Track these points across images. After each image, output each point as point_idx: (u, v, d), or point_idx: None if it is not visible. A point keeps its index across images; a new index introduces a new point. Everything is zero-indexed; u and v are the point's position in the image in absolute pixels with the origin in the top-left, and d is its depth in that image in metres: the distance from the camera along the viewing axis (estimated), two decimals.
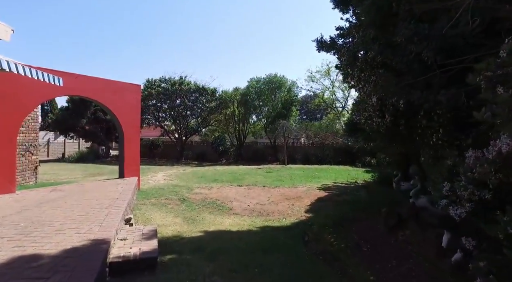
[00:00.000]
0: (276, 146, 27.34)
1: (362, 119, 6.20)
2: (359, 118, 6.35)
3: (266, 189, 11.11)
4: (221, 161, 28.86)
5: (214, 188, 10.97)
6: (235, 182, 12.72)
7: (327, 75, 27.97)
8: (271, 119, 25.88)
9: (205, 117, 29.45)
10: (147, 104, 27.38)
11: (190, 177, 14.27)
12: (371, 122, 5.97)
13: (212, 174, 15.48)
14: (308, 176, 14.85)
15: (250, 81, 26.28)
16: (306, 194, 10.03)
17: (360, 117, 6.26)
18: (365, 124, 6.27)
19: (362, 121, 6.23)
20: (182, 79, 27.77)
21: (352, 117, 9.50)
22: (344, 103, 28.38)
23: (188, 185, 11.53)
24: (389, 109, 5.43)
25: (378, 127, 5.84)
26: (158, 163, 25.60)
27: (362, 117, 6.20)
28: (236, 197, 9.42)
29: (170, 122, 31.15)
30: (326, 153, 24.31)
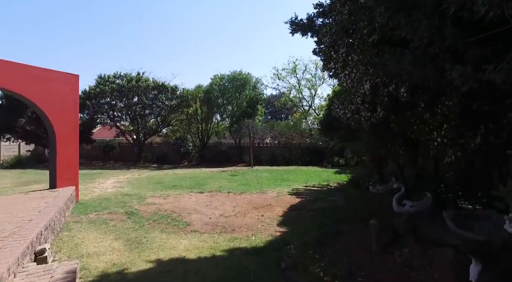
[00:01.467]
0: (241, 147, 26.09)
1: (347, 114, 5.12)
2: (343, 113, 5.27)
3: (231, 195, 9.79)
4: (183, 163, 27.03)
5: (171, 196, 9.45)
6: (196, 187, 11.27)
7: (294, 73, 27.27)
8: (235, 118, 24.59)
9: (165, 117, 27.44)
10: (99, 102, 24.86)
11: (145, 183, 12.55)
12: (359, 117, 4.90)
13: (171, 178, 13.85)
14: (277, 178, 13.75)
15: (213, 78, 24.80)
16: (277, 201, 8.87)
17: (345, 112, 5.17)
18: (350, 120, 5.20)
19: (347, 116, 5.15)
20: (140, 75, 25.62)
21: (330, 113, 8.52)
22: (311, 102, 27.85)
23: (141, 193, 9.89)
24: (383, 101, 4.38)
25: (367, 123, 4.78)
26: (112, 166, 23.27)
27: (347, 112, 5.11)
28: (196, 208, 8.00)
29: (127, 122, 28.72)
30: (293, 153, 23.52)
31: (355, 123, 5.10)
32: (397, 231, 4.72)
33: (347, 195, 9.57)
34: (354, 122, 5.10)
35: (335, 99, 6.37)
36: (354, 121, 5.06)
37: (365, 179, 11.16)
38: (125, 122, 28.80)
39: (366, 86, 4.25)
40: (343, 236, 5.48)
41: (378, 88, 4.30)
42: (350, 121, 5.23)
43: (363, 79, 4.41)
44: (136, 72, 25.72)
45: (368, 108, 4.58)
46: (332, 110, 7.62)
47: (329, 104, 8.40)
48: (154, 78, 26.29)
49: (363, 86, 4.34)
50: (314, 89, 27.41)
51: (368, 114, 4.65)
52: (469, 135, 4.24)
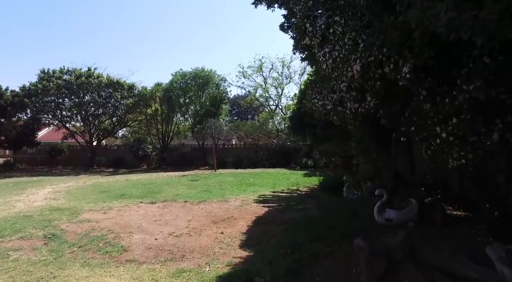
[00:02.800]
0: (205, 149, 24.55)
1: (326, 106, 4.00)
2: (322, 104, 4.14)
3: (187, 205, 8.39)
4: (141, 167, 24.91)
5: (113, 210, 7.85)
6: (148, 196, 9.71)
7: (260, 71, 26.24)
8: (198, 118, 23.03)
9: (121, 117, 25.15)
10: (43, 100, 22.12)
11: (88, 192, 10.73)
12: (342, 109, 3.79)
13: (121, 186, 12.10)
14: (242, 183, 12.50)
15: (174, 75, 23.02)
16: (241, 211, 7.61)
17: (324, 103, 4.05)
18: (331, 115, 4.09)
19: (327, 109, 4.03)
20: (90, 71, 23.19)
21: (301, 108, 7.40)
22: (277, 102, 26.95)
23: (77, 207, 8.19)
24: (374, 86, 3.29)
25: (354, 117, 3.68)
26: (59, 172, 20.77)
27: (326, 103, 3.99)
28: (141, 224, 6.52)
29: (79, 123, 26.04)
30: (260, 155, 22.43)
31: (338, 118, 3.99)
32: (391, 257, 3.66)
33: (319, 202, 8.53)
34: (336, 117, 3.98)
35: (310, 90, 5.27)
36: (336, 116, 3.95)
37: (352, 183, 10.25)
38: (77, 123, 26.12)
39: (356, 67, 3.12)
40: (321, 261, 4.33)
41: (369, 69, 3.19)
42: (331, 117, 4.11)
43: (350, 59, 3.28)
44: (86, 68, 23.24)
45: (355, 97, 3.47)
46: (304, 105, 6.52)
47: (300, 97, 7.34)
48: (108, 75, 23.99)
49: (351, 68, 3.22)
50: (281, 88, 26.59)
51: (355, 105, 3.54)
52: (483, 132, 3.29)
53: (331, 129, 6.92)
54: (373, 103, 3.50)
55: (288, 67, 26.81)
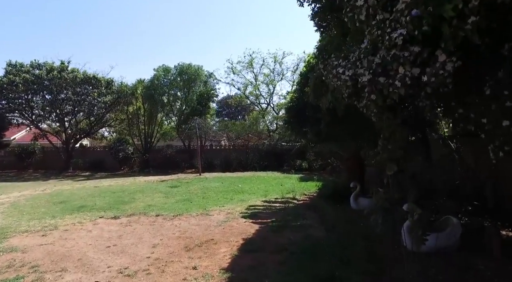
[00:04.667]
0: (191, 150, 22.74)
1: (360, 77, 2.35)
2: (352, 74, 2.48)
3: (158, 222, 6.66)
4: (122, 170, 22.95)
5: (58, 230, 6.06)
6: (112, 208, 7.95)
7: (250, 67, 24.51)
8: (184, 117, 21.22)
9: (100, 116, 23.17)
10: (9, 97, 20.00)
11: (40, 203, 8.89)
12: (387, 81, 2.16)
13: (86, 194, 10.26)
14: (228, 190, 10.80)
15: (157, 70, 21.14)
16: (224, 230, 5.92)
17: (356, 72, 2.40)
18: (365, 93, 2.43)
19: (361, 82, 2.38)
20: (64, 64, 21.14)
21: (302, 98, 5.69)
22: (269, 100, 25.29)
23: (11, 226, 6.41)
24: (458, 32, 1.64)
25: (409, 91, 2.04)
26: (26, 177, 18.69)
27: (360, 72, 2.34)
28: (86, 253, 4.77)
29: (54, 123, 23.92)
30: (250, 157, 20.74)
31: (377, 97, 2.31)
32: None
33: (323, 216, 6.92)
34: (376, 96, 2.31)
35: (322, 61, 3.63)
36: (375, 93, 2.29)
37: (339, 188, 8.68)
38: (51, 122, 24.01)
39: None
40: None
41: None
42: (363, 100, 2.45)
43: None
44: (59, 62, 21.20)
45: (419, 55, 1.83)
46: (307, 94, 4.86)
47: (300, 83, 5.72)
48: (85, 70, 21.99)
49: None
50: (272, 85, 24.92)
51: (413, 71, 1.91)
52: None
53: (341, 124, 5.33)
54: (451, 66, 1.89)
55: (280, 64, 25.23)
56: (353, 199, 7.47)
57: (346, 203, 7.64)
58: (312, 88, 4.47)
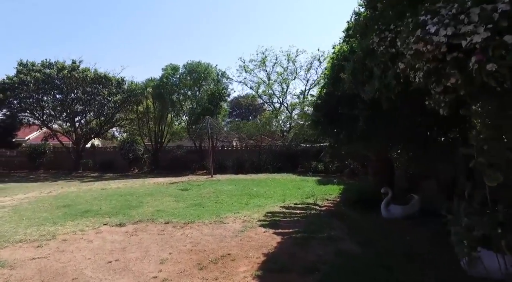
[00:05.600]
0: (202, 151, 22.13)
1: (472, 37, 1.56)
2: (453, 34, 1.69)
3: (167, 231, 5.96)
4: (132, 171, 22.49)
5: (55, 240, 5.42)
6: (118, 214, 7.31)
7: (263, 66, 23.76)
8: (195, 117, 20.60)
9: (110, 115, 22.79)
10: (20, 96, 19.75)
11: (42, 207, 8.33)
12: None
13: (92, 197, 9.67)
14: (243, 193, 10.07)
15: (165, 69, 20.59)
16: (242, 243, 5.17)
17: (456, 32, 1.61)
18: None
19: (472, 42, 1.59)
20: (75, 64, 20.81)
21: (335, 90, 4.84)
22: (282, 99, 24.46)
23: (5, 234, 5.81)
24: None
25: None
26: (36, 177, 18.34)
27: (470, 30, 1.55)
28: (83, 271, 4.10)
29: (65, 123, 23.66)
30: (263, 158, 19.95)
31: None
32: None
33: (352, 226, 6.11)
34: (502, 56, 1.51)
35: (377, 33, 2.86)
36: (499, 55, 1.49)
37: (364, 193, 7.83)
38: (62, 122, 23.75)
39: None
40: None
41: None
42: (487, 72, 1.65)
43: None
44: (70, 61, 20.90)
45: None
46: (341, 86, 4.05)
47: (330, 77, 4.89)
48: (95, 70, 21.64)
49: None
50: (286, 84, 24.10)
51: None
52: None
53: (383, 121, 4.52)
54: None
55: (293, 62, 24.39)
56: (384, 207, 6.65)
57: (375, 210, 6.85)
58: (351, 75, 3.69)
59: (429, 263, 4.09)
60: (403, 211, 6.44)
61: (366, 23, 3.74)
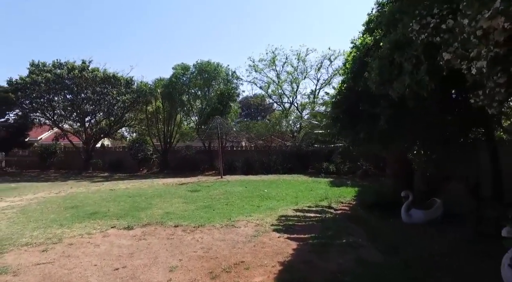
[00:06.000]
0: (211, 151, 21.91)
1: None
2: None
3: (177, 234, 5.71)
4: (141, 171, 22.42)
5: (61, 244, 5.22)
6: (127, 216, 7.10)
7: (272, 65, 23.46)
8: (204, 117, 20.40)
9: (119, 115, 22.77)
10: (32, 96, 19.85)
11: (50, 208, 8.18)
12: None
13: (100, 198, 9.51)
14: (254, 195, 9.78)
15: (175, 68, 20.46)
16: (255, 249, 4.88)
17: None
18: None
19: None
20: (85, 64, 20.84)
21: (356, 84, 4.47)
22: (292, 99, 24.10)
23: (12, 237, 5.64)
24: None
25: None
26: (46, 177, 18.40)
27: None
28: (88, 279, 3.87)
29: (76, 123, 23.72)
30: (273, 159, 19.64)
31: None
32: None
33: (371, 231, 5.76)
34: None
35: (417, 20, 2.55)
36: None
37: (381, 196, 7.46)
38: (72, 122, 23.83)
39: None
40: None
41: None
42: None
43: None
44: (81, 61, 20.93)
45: None
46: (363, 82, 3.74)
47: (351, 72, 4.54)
48: (105, 69, 21.65)
49: None
50: (296, 84, 23.73)
51: None
52: None
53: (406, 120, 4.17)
54: None
55: (303, 61, 24.00)
56: (405, 211, 6.28)
57: (394, 214, 6.50)
58: (377, 72, 3.37)
59: (462, 275, 3.74)
60: (425, 215, 6.07)
61: (394, 14, 3.41)
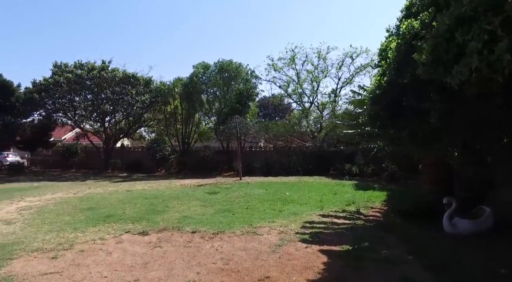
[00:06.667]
0: (229, 151, 21.55)
1: None
2: None
3: (194, 242, 5.27)
4: (159, 171, 22.32)
5: (72, 250, 4.87)
6: (142, 220, 6.75)
7: (292, 64, 22.84)
8: (223, 117, 20.06)
9: (138, 115, 22.78)
10: (54, 97, 20.11)
11: (66, 210, 7.96)
12: None
13: (117, 200, 9.24)
14: (275, 198, 9.25)
15: (196, 67, 20.21)
16: (281, 262, 4.35)
17: None
18: None
19: None
20: (105, 64, 20.95)
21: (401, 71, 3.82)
22: (312, 98, 23.39)
23: (24, 241, 5.37)
24: None
25: None
26: (67, 177, 18.55)
27: None
28: None
29: (96, 123, 23.96)
30: (293, 160, 19.03)
31: None
32: None
33: (410, 243, 5.11)
34: None
35: None
36: None
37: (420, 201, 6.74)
38: (93, 122, 24.08)
39: None
40: None
41: None
42: None
43: None
44: (101, 61, 21.06)
45: None
46: (414, 67, 3.16)
47: (393, 57, 3.92)
48: (124, 69, 21.71)
49: None
50: (316, 83, 23.00)
51: None
52: None
53: (464, 114, 3.54)
54: None
55: (324, 59, 23.25)
56: (448, 220, 5.57)
57: (434, 223, 5.83)
58: (430, 51, 2.78)
59: None
60: (473, 226, 5.35)
61: None
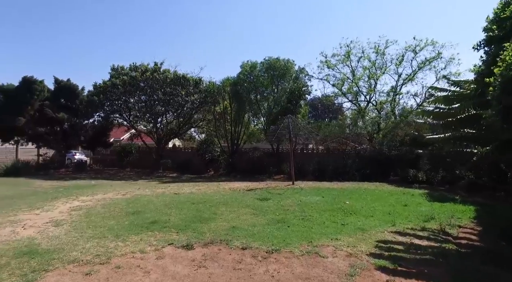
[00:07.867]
0: (279, 153, 20.59)
1: None
2: None
3: (245, 263, 4.40)
4: (208, 172, 22.12)
5: (109, 265, 4.28)
6: (188, 229, 6.09)
7: (347, 60, 21.15)
8: (272, 117, 19.18)
9: (188, 116, 22.86)
10: (111, 98, 20.90)
11: (113, 213, 7.63)
12: None
13: (163, 204, 8.78)
14: (334, 208, 8.08)
15: (243, 66, 19.61)
16: None
17: None
18: None
19: None
20: (157, 66, 21.32)
21: None
22: (369, 97, 21.45)
23: (65, 248, 4.94)
24: None
25: None
26: (122, 176, 19.08)
27: None
28: None
29: (149, 124, 24.60)
30: (348, 163, 17.47)
31: None
32: None
33: None
34: None
35: None
36: None
37: None
38: (146, 123, 24.76)
39: None
40: None
41: None
42: None
43: None
44: (153, 63, 21.48)
45: None
46: None
47: None
48: (175, 70, 21.91)
49: None
50: (374, 80, 21.06)
51: None
52: None
53: None
54: None
55: (382, 54, 21.22)
56: None
57: None
58: None
59: None
60: None
61: None
